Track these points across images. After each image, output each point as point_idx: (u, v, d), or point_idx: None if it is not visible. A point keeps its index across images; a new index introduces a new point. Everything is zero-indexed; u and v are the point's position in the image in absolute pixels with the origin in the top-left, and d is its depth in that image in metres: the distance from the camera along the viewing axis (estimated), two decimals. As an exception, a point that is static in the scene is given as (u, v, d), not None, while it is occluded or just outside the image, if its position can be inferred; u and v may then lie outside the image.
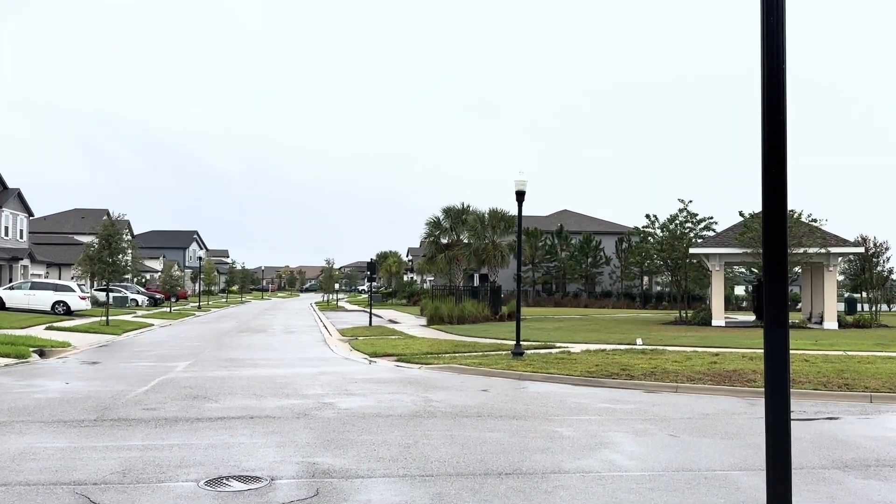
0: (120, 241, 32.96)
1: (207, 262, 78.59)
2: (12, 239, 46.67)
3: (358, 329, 31.09)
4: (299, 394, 12.85)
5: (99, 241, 32.36)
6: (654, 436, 9.49)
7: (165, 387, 13.61)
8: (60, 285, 38.59)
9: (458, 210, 43.53)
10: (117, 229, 33.23)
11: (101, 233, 32.44)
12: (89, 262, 32.37)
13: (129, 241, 40.53)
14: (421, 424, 9.99)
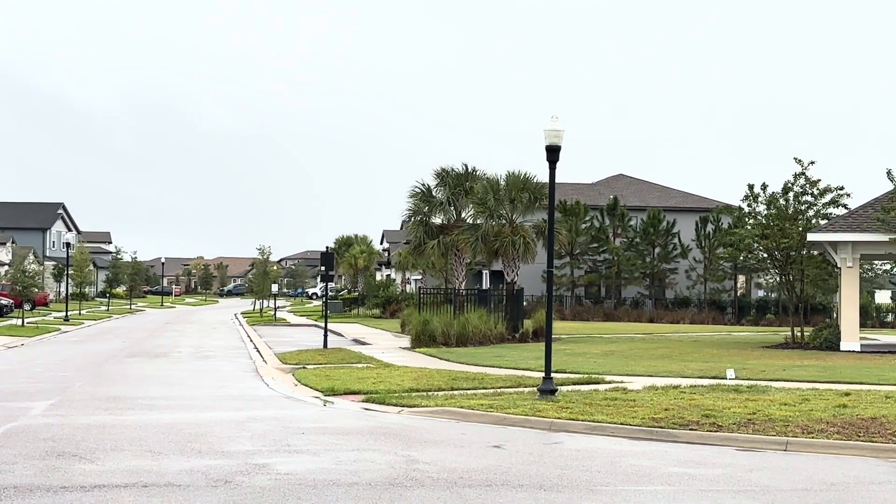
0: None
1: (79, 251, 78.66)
2: None
3: (307, 353, 31.14)
4: (217, 450, 12.87)
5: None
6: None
7: (15, 439, 13.62)
8: None
9: (459, 175, 42.87)
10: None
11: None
12: None
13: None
14: (401, 497, 10.02)
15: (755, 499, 10.32)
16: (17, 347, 34.72)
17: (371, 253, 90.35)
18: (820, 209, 35.78)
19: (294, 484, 10.69)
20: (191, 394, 20.70)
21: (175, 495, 10.02)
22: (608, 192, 69.57)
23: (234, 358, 31.49)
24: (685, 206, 68.97)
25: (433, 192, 43.45)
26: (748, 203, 37.56)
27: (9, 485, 10.41)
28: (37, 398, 18.97)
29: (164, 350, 34.62)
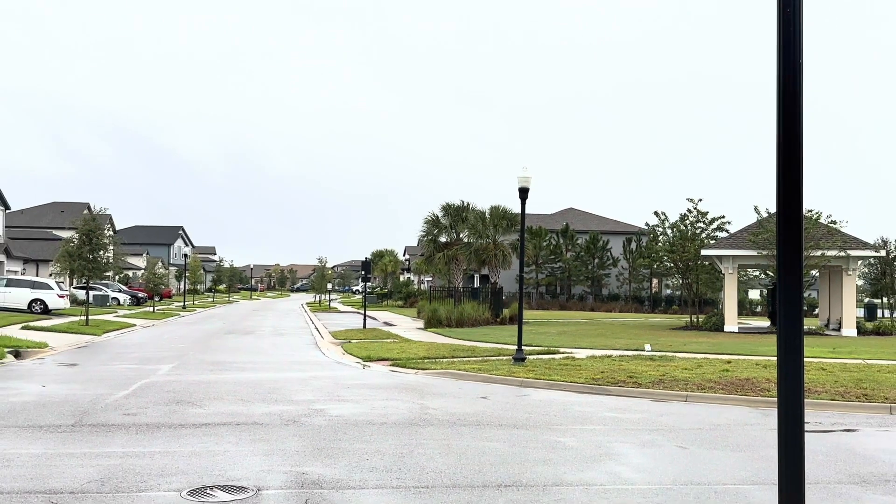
0: (101, 236, 32.94)
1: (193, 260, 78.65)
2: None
3: (351, 331, 31.10)
4: (288, 399, 12.86)
5: (79, 237, 32.35)
6: (661, 447, 9.50)
7: (147, 391, 13.61)
8: (38, 283, 38.58)
9: (457, 207, 43.49)
10: (98, 224, 33.23)
11: (81, 228, 32.42)
12: (68, 259, 32.36)
13: (111, 237, 40.58)
14: (416, 433, 10.00)
15: (664, 434, 10.30)
16: (150, 327, 34.69)
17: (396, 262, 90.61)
18: (709, 232, 36.32)
19: (342, 423, 10.68)
20: (270, 359, 20.67)
21: (259, 430, 10.01)
22: (562, 220, 69.68)
23: (300, 335, 31.43)
24: (616, 230, 69.08)
25: (440, 219, 43.97)
26: (657, 225, 38.61)
27: (142, 423, 10.41)
28: (162, 362, 18.98)
29: (251, 329, 34.56)
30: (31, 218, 69.35)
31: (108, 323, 32.52)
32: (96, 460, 8.11)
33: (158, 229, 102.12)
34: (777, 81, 3.75)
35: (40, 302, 36.61)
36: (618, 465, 8.48)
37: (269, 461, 8.26)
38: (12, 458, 8.09)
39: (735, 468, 8.42)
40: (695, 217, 36.50)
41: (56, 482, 7.17)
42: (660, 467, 8.42)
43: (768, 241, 30.80)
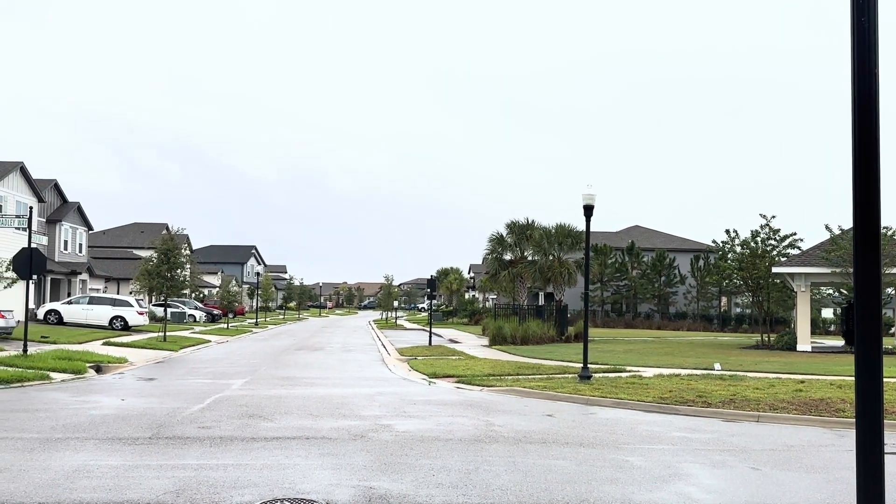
0: (178, 255, 33.92)
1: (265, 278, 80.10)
2: (72, 253, 48.48)
3: (417, 348, 31.20)
4: (356, 415, 12.94)
5: (157, 256, 33.36)
6: (733, 468, 9.22)
7: (221, 405, 13.88)
8: (118, 300, 39.88)
9: (522, 225, 43.39)
10: (176, 244, 34.22)
11: (159, 247, 33.44)
12: (148, 277, 33.38)
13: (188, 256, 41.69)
14: (482, 450, 9.94)
15: (736, 455, 10.00)
16: (224, 343, 35.46)
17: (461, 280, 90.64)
18: (781, 249, 35.38)
19: (408, 438, 10.69)
20: (338, 375, 20.87)
21: (328, 445, 10.09)
22: (627, 238, 68.74)
23: (367, 351, 31.67)
24: (683, 248, 67.78)
25: (504, 237, 43.95)
26: (726, 243, 37.73)
27: (216, 436, 10.60)
28: (235, 377, 19.34)
29: (320, 345, 34.99)
30: (112, 238, 71.79)
31: (184, 339, 33.36)
32: (172, 472, 8.29)
33: (232, 248, 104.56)
34: (851, 92, 3.63)
35: (121, 319, 37.79)
36: (688, 485, 8.26)
37: (337, 475, 8.31)
38: (93, 470, 8.33)
39: (810, 490, 8.11)
40: (766, 234, 35.57)
41: (134, 493, 7.35)
42: (731, 488, 8.17)
43: (842, 259, 29.84)
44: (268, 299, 78.90)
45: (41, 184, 43.12)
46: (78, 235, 49.81)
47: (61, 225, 46.45)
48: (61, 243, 46.61)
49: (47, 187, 45.00)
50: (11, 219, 30.87)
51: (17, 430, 10.72)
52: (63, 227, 46.83)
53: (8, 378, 16.61)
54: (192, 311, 54.14)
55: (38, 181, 42.22)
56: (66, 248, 47.43)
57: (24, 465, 8.47)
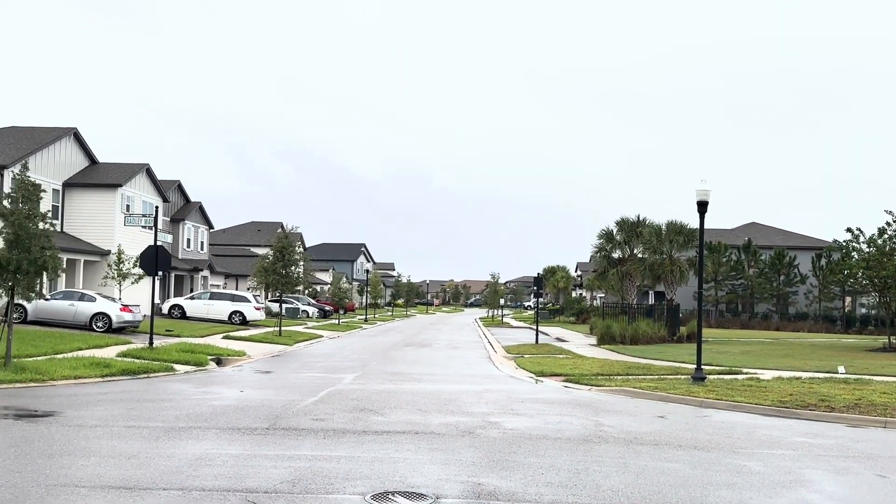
0: (293, 253, 35.04)
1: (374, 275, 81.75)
2: (194, 250, 50.82)
3: (524, 346, 31.08)
4: (464, 411, 13.01)
5: (273, 253, 34.57)
6: (858, 475, 8.75)
7: (333, 398, 14.24)
8: (237, 296, 41.50)
9: (632, 222, 42.55)
10: (290, 241, 35.37)
11: (275, 245, 34.65)
12: (264, 274, 34.64)
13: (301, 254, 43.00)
14: (591, 450, 9.80)
15: (861, 462, 9.48)
16: (336, 338, 36.38)
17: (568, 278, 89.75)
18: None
19: (516, 436, 10.66)
20: (445, 372, 21.05)
21: (437, 440, 10.19)
22: (743, 235, 66.23)
23: (474, 348, 31.81)
24: (803, 245, 64.69)
25: (613, 235, 43.27)
26: (850, 241, 35.83)
27: (329, 428, 10.88)
28: (346, 372, 19.80)
29: (427, 342, 35.39)
30: (231, 236, 74.83)
31: (298, 334, 34.40)
32: (288, 462, 8.56)
33: (343, 246, 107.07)
34: None
35: (239, 314, 39.31)
36: (809, 492, 7.89)
37: (446, 470, 8.38)
38: (214, 458, 8.70)
39: (947, 504, 7.60)
40: (894, 231, 33.57)
41: (252, 482, 7.63)
42: (856, 496, 7.75)
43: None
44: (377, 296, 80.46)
45: (165, 184, 45.38)
46: (200, 234, 52.15)
47: (184, 224, 48.76)
48: (184, 241, 48.91)
49: (171, 188, 47.32)
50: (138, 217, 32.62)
51: (144, 420, 11.32)
52: (186, 226, 49.14)
53: (135, 370, 17.57)
54: (305, 307, 55.74)
55: (163, 182, 44.43)
56: (188, 246, 49.75)
57: (151, 452, 8.93)
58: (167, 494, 7.04)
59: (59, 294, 29.10)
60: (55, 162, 36.68)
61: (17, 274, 15.72)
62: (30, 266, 15.74)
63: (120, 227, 37.36)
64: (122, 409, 12.34)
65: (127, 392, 14.44)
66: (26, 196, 16.31)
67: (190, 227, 50.01)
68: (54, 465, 8.08)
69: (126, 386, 15.42)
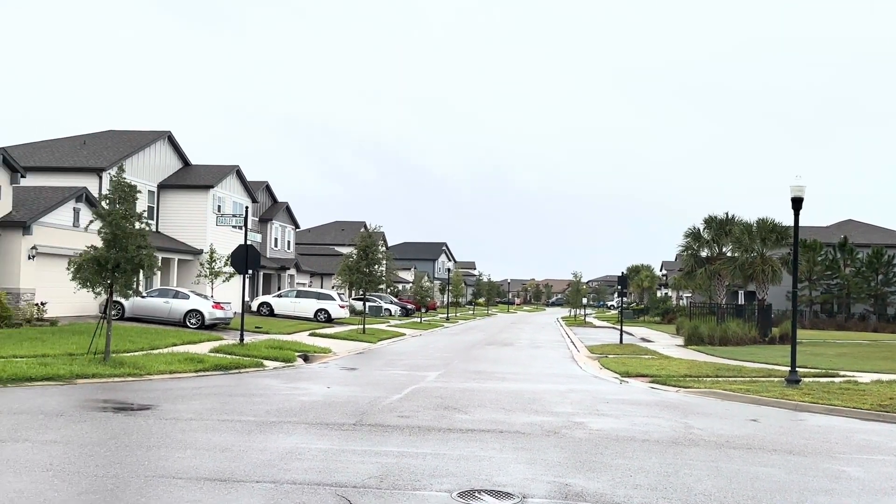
0: (376, 252, 35.50)
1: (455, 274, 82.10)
2: (281, 249, 52.07)
3: (607, 346, 30.66)
4: (548, 411, 12.91)
5: (357, 252, 35.10)
6: (970, 487, 8.28)
7: (417, 396, 14.35)
8: (322, 294, 42.33)
9: (720, 220, 41.44)
10: (374, 241, 35.83)
11: (359, 244, 35.19)
12: (348, 272, 35.20)
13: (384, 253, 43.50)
14: (681, 452, 9.58)
15: (973, 473, 8.97)
16: (418, 336, 36.69)
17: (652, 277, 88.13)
18: None
19: (602, 437, 10.52)
20: (528, 371, 20.95)
21: (521, 439, 10.15)
22: (839, 233, 63.65)
23: (556, 348, 31.57)
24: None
25: (701, 233, 42.27)
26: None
27: (414, 425, 10.97)
28: (430, 370, 19.93)
29: (509, 341, 35.31)
30: (316, 236, 76.35)
31: (381, 332, 34.84)
32: (375, 458, 8.67)
33: (424, 245, 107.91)
34: None
35: (324, 311, 40.07)
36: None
37: (532, 470, 8.33)
38: (304, 452, 8.88)
39: None
40: None
41: (341, 476, 7.76)
42: (969, 510, 7.34)
43: None
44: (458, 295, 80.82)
45: (254, 185, 46.61)
46: (286, 233, 53.40)
47: (272, 224, 50.01)
48: (272, 241, 50.17)
49: (259, 188, 48.59)
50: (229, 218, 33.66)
51: (237, 413, 11.65)
52: (273, 226, 50.39)
53: (227, 365, 18.12)
54: (388, 305, 56.41)
55: (252, 183, 45.65)
56: (276, 245, 51.00)
57: (244, 445, 9.18)
58: (260, 487, 7.23)
59: (154, 292, 30.26)
60: (150, 164, 38.16)
61: (115, 272, 16.42)
62: (127, 264, 16.41)
63: (212, 227, 38.59)
64: (216, 403, 12.74)
65: (219, 387, 14.90)
66: (123, 197, 17.00)
67: (277, 227, 51.25)
68: (152, 457, 8.39)
69: (218, 381, 15.91)
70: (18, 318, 23.96)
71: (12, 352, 17.25)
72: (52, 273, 26.46)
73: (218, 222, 38.04)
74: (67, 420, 10.49)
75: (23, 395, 12.65)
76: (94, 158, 34.79)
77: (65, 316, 27.04)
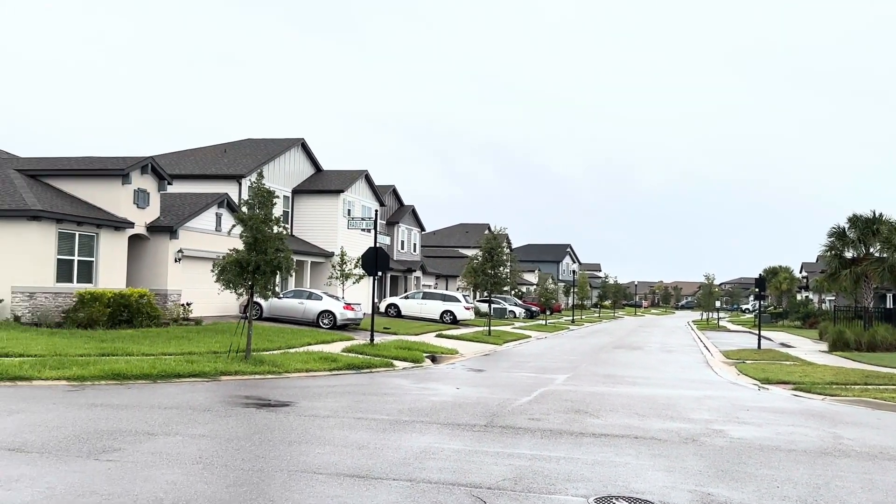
0: (500, 254, 35.56)
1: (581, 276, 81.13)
2: (407, 252, 53.01)
3: (744, 351, 29.44)
4: (684, 417, 12.51)
5: (482, 254, 35.26)
6: None
7: (547, 398, 14.24)
8: (448, 296, 42.77)
9: (866, 219, 38.88)
10: (498, 243, 35.92)
11: (484, 246, 35.34)
12: (473, 274, 35.45)
13: (509, 255, 43.51)
14: (831, 463, 9.05)
15: None
16: (543, 339, 36.46)
17: (791, 279, 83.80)
18: None
19: (744, 446, 10.08)
20: (660, 376, 20.40)
21: (658, 446, 9.87)
22: None
23: (688, 352, 30.60)
24: None
25: (846, 232, 39.80)
26: None
27: (545, 428, 10.87)
28: (557, 373, 19.75)
29: (638, 345, 34.52)
30: (440, 238, 77.29)
31: (506, 333, 34.84)
32: (507, 460, 8.65)
33: (547, 247, 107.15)
34: None
35: (450, 313, 40.48)
36: None
37: (671, 478, 8.08)
38: (437, 452, 8.97)
39: None
40: None
41: (475, 477, 7.78)
42: None
43: None
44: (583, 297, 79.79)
45: (381, 189, 47.69)
46: (412, 236, 54.33)
47: (398, 227, 51.01)
48: (398, 243, 51.17)
49: (386, 192, 49.67)
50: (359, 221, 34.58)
51: (371, 412, 11.92)
52: (400, 229, 51.39)
53: (359, 364, 18.59)
54: (512, 307, 56.35)
55: (379, 187, 46.72)
56: (402, 248, 51.99)
57: (379, 443, 9.37)
58: (397, 485, 7.35)
59: (290, 293, 31.45)
60: (285, 170, 39.73)
61: (255, 274, 17.17)
62: (266, 266, 17.13)
63: (342, 231, 39.77)
64: (350, 401, 13.08)
65: (352, 385, 15.30)
66: (262, 202, 17.77)
67: (403, 230, 52.22)
68: (293, 453, 8.70)
69: (351, 380, 16.34)
70: (166, 317, 25.46)
71: (162, 349, 18.34)
72: (196, 275, 27.99)
73: (349, 226, 39.15)
74: (214, 415, 11.04)
75: (172, 390, 13.42)
76: (234, 166, 36.56)
77: (207, 316, 28.51)
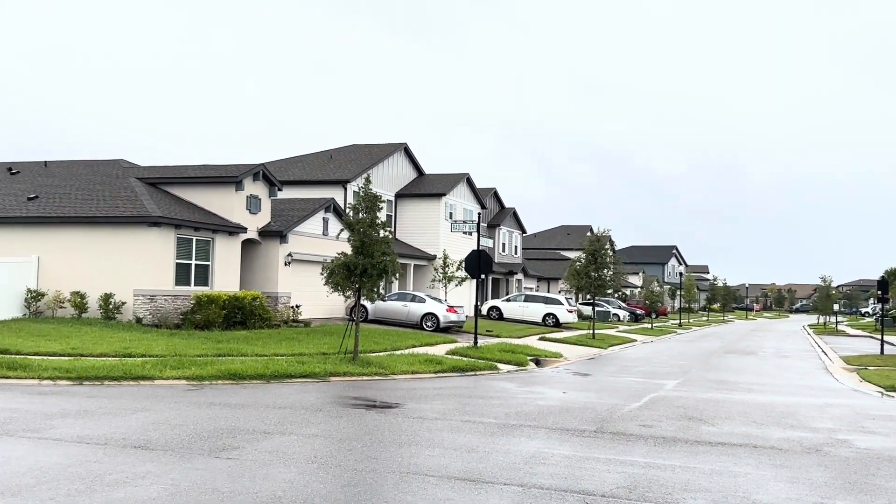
0: (604, 256, 34.99)
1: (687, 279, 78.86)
2: (508, 254, 52.88)
3: (866, 357, 27.90)
4: (805, 426, 11.95)
5: (585, 257, 34.79)
6: None
7: (657, 404, 13.88)
8: (550, 298, 42.40)
9: None
10: (602, 244, 35.36)
11: (587, 248, 34.86)
12: (576, 277, 35.02)
13: (613, 257, 42.78)
14: (973, 480, 8.44)
15: None
16: (649, 343, 35.63)
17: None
18: None
19: (872, 457, 9.54)
20: (776, 382, 19.59)
21: (778, 456, 9.45)
22: None
23: (806, 358, 29.27)
24: None
25: (977, 231, 37.20)
26: None
27: (658, 435, 10.59)
28: (667, 378, 19.24)
29: (751, 349, 33.26)
30: (541, 240, 76.78)
31: (611, 337, 34.23)
32: (620, 467, 8.45)
33: (652, 249, 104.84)
34: None
35: (552, 316, 40.12)
36: None
37: (794, 489, 7.71)
38: (547, 458, 8.86)
39: None
40: None
41: (588, 484, 7.63)
42: None
43: None
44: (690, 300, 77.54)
45: (482, 192, 47.76)
46: (514, 238, 54.17)
47: (500, 229, 50.96)
48: (500, 246, 51.11)
49: (487, 195, 49.71)
50: (462, 224, 34.72)
51: (478, 415, 11.90)
52: (501, 231, 51.32)
53: (464, 367, 18.63)
54: (616, 310, 55.36)
55: (480, 190, 46.81)
56: (503, 250, 51.90)
57: (488, 447, 9.34)
58: (508, 490, 7.29)
59: (394, 295, 31.87)
60: (389, 175, 40.34)
61: (362, 277, 17.47)
62: (373, 270, 17.40)
63: (444, 234, 40.04)
64: (456, 403, 13.11)
65: (458, 388, 15.34)
66: (369, 206, 18.06)
67: (505, 232, 52.13)
68: (404, 454, 8.77)
69: (456, 382, 16.39)
70: (277, 319, 26.24)
71: (274, 350, 18.91)
72: (304, 278, 28.74)
73: (452, 229, 39.33)
74: (325, 415, 11.27)
75: (285, 390, 13.79)
76: (340, 171, 37.40)
77: (315, 318, 29.22)
